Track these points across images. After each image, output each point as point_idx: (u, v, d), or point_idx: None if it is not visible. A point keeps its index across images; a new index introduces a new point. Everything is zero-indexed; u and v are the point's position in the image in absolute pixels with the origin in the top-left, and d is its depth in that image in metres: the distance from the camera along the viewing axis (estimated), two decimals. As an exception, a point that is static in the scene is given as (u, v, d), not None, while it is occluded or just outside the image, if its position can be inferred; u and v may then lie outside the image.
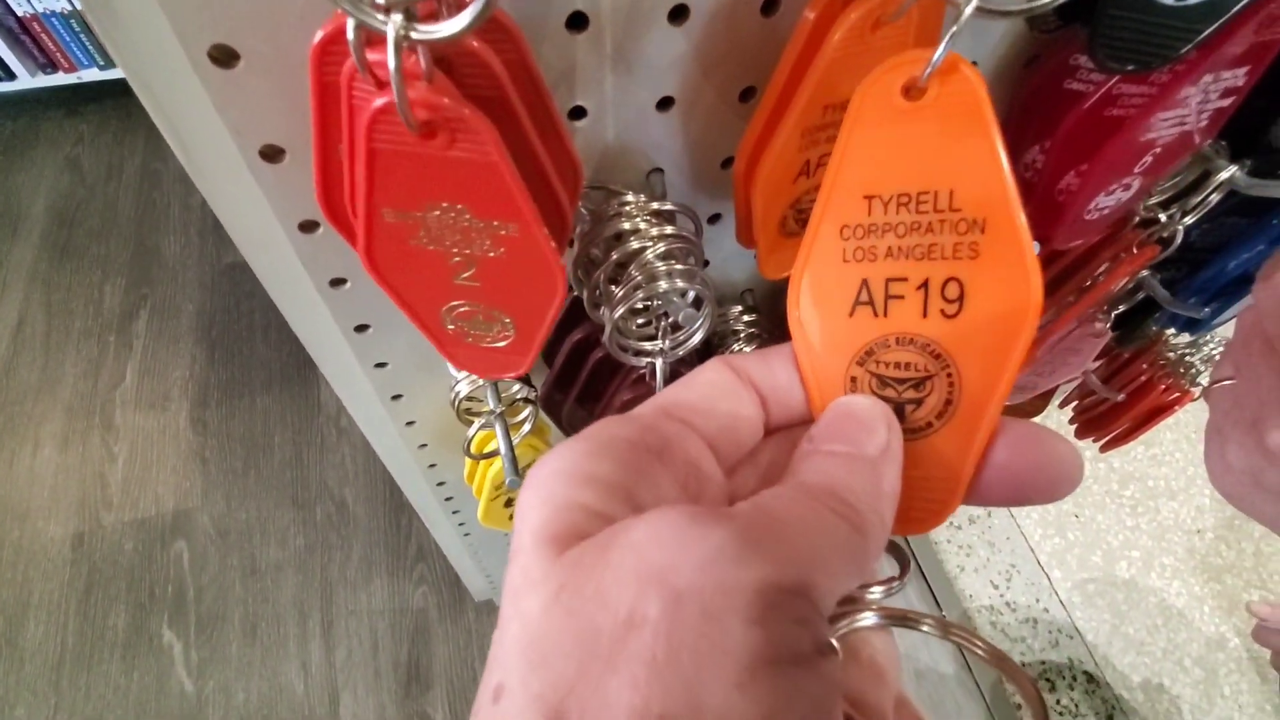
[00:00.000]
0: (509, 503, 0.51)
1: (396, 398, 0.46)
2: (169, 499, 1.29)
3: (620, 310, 0.30)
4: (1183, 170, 0.39)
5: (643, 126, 0.32)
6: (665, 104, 0.31)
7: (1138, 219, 0.42)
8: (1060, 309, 0.47)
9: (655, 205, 0.32)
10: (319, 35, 0.21)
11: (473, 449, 0.41)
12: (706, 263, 0.42)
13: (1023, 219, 0.17)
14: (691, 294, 0.32)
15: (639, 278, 0.30)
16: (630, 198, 0.32)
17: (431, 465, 0.55)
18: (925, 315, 0.17)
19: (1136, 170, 0.34)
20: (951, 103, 0.17)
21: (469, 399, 0.43)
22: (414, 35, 0.16)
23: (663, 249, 0.31)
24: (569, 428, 0.41)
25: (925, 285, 0.17)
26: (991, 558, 1.33)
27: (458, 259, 0.24)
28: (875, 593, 0.18)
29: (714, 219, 0.39)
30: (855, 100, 0.18)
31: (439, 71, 0.19)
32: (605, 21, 0.27)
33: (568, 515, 0.14)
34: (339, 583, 1.19)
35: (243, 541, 1.24)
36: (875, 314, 0.18)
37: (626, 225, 0.31)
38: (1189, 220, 0.40)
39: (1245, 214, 0.48)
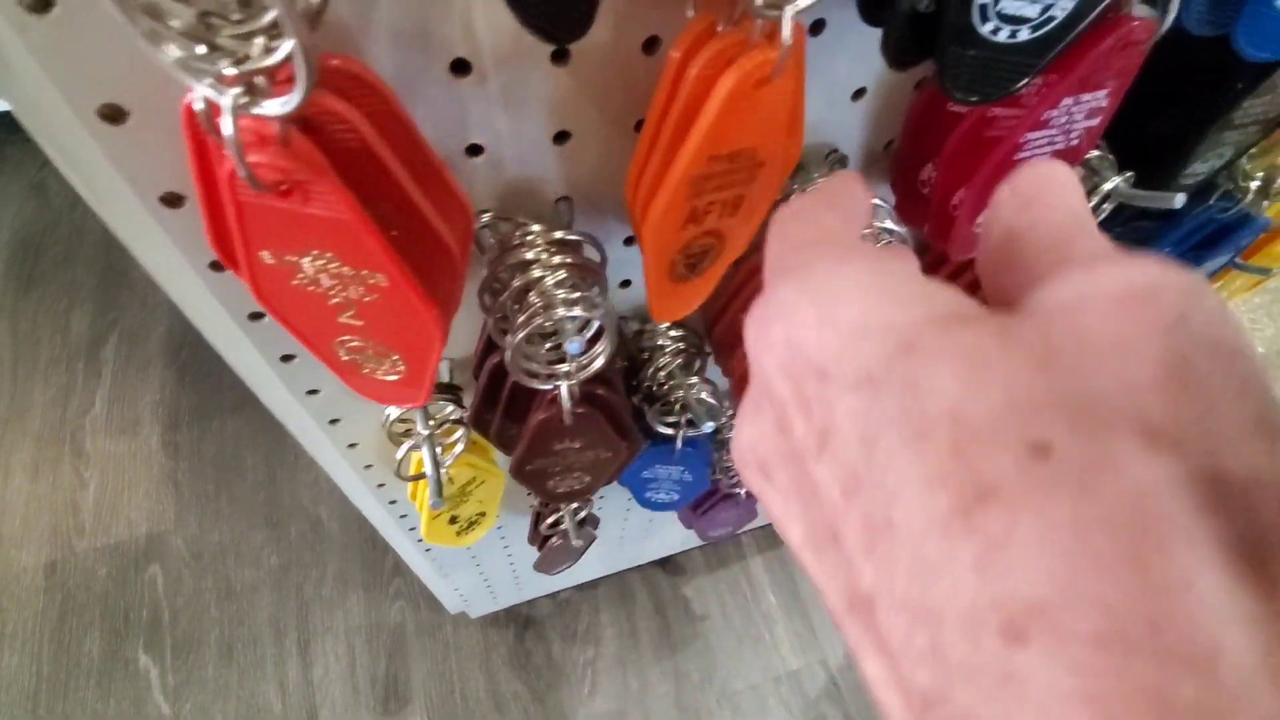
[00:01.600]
0: (453, 520, 0.52)
1: (334, 422, 0.47)
2: (142, 523, 1.29)
3: (520, 336, 0.31)
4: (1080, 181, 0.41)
5: (542, 159, 0.33)
6: (562, 137, 0.33)
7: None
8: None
9: (559, 234, 0.33)
10: (189, 95, 0.22)
11: (403, 471, 0.42)
12: (627, 282, 0.43)
13: (787, 153, 0.30)
14: (595, 323, 0.33)
15: (539, 304, 0.32)
16: (535, 228, 0.34)
17: (380, 485, 0.56)
18: (717, 219, 0.31)
19: (1019, 185, 0.35)
20: (775, 88, 0.25)
21: (401, 420, 0.44)
22: (251, 110, 0.18)
23: (563, 276, 0.32)
24: (501, 444, 0.43)
25: (720, 203, 0.30)
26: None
27: (337, 300, 0.25)
28: None
29: (630, 240, 0.40)
30: (719, 93, 0.25)
31: (296, 131, 0.20)
32: (488, 66, 0.28)
33: (955, 299, 0.12)
34: (314, 601, 1.20)
35: (217, 563, 1.24)
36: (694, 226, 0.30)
37: (529, 255, 0.33)
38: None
39: (1154, 218, 0.50)
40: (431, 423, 0.42)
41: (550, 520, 0.58)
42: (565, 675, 1.18)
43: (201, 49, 0.17)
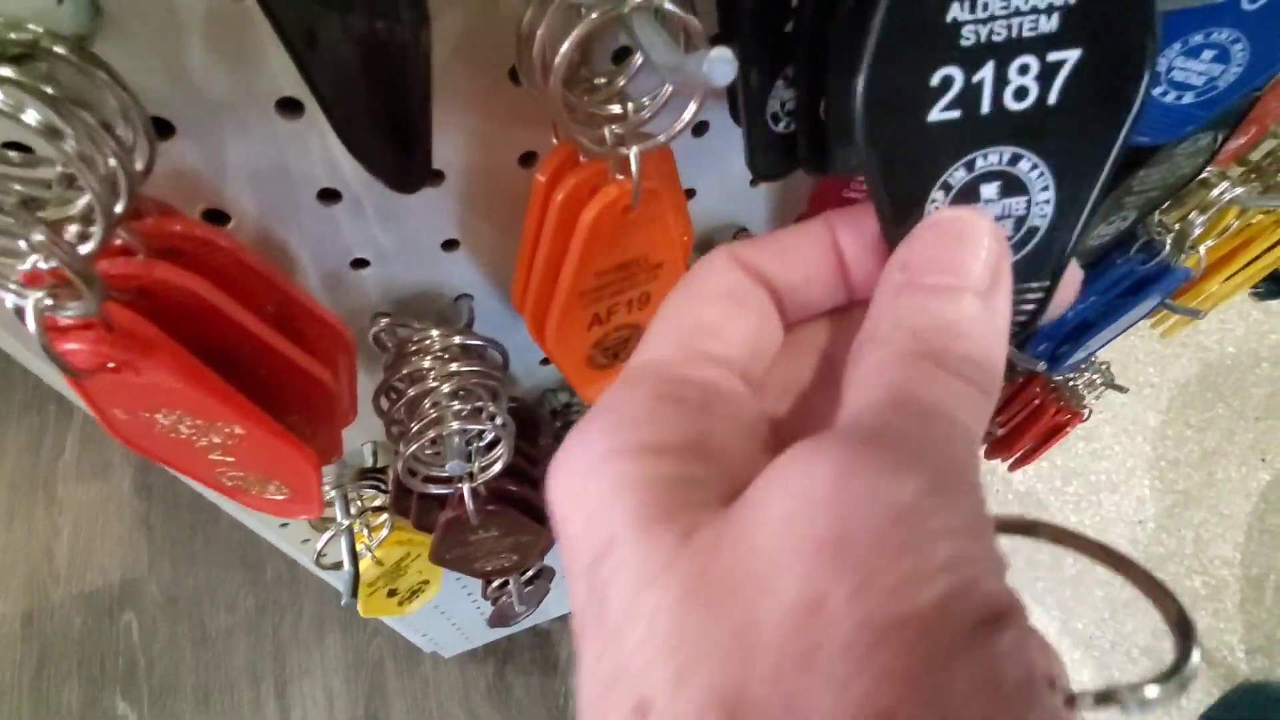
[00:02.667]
0: (392, 592, 0.52)
1: (264, 506, 0.47)
2: (115, 569, 1.28)
3: (410, 449, 0.31)
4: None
5: (434, 265, 0.33)
6: (451, 244, 0.32)
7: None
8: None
9: (457, 339, 0.33)
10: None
11: (322, 561, 0.42)
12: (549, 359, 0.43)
13: (679, 253, 0.29)
14: (489, 434, 0.33)
15: (432, 414, 0.31)
16: (434, 333, 0.33)
17: (322, 554, 0.56)
18: (629, 314, 0.31)
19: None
20: (648, 209, 0.25)
21: (324, 505, 0.43)
22: (52, 312, 0.17)
23: (457, 384, 0.32)
24: (423, 529, 0.42)
25: (629, 302, 0.30)
26: (941, 564, 1.36)
27: (202, 444, 0.25)
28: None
29: (544, 324, 0.40)
30: (584, 225, 0.25)
31: (120, 307, 0.20)
32: (358, 192, 0.28)
33: (663, 492, 0.11)
34: (291, 643, 1.19)
35: (192, 608, 1.23)
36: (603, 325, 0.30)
37: (426, 362, 0.33)
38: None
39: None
40: (353, 510, 0.42)
41: (497, 582, 0.57)
42: (547, 708, 1.17)
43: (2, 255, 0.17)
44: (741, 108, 0.25)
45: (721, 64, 0.16)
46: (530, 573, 0.59)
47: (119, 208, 0.18)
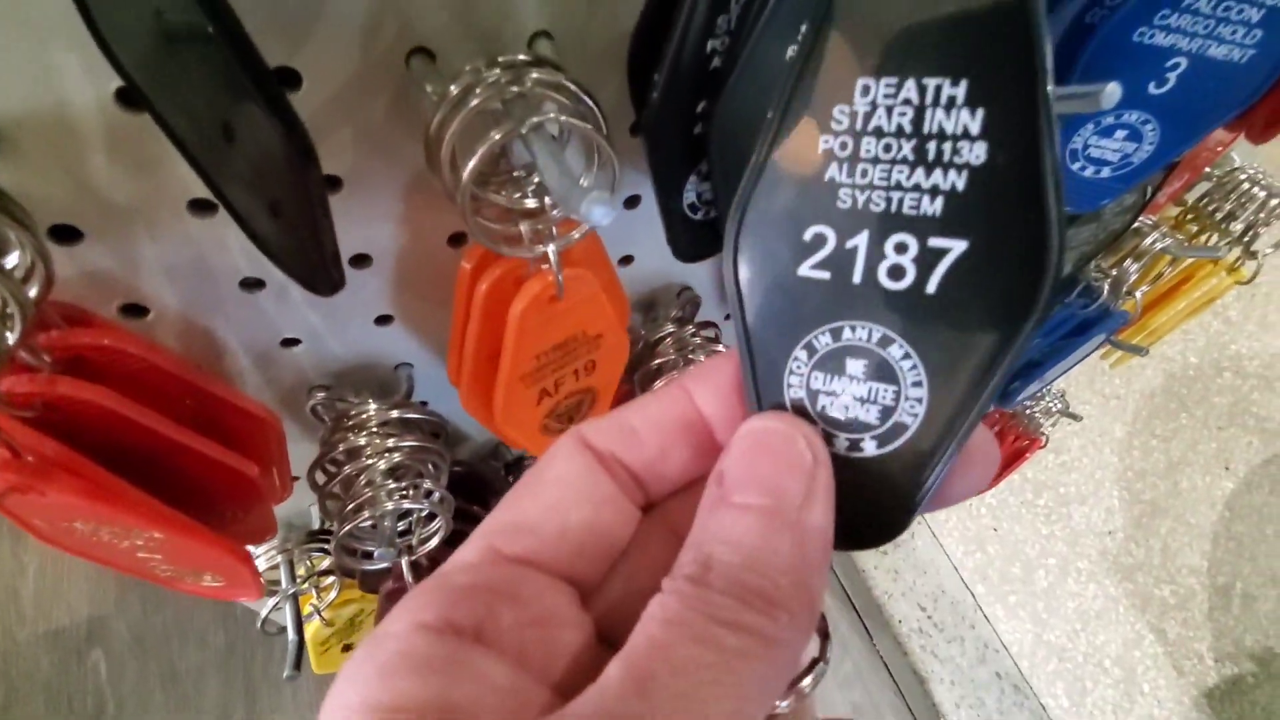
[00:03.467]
0: (347, 648, 0.51)
1: (213, 567, 0.46)
2: (83, 607, 1.26)
3: (345, 529, 0.31)
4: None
5: (370, 340, 0.33)
6: (385, 320, 0.32)
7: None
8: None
9: (394, 413, 0.33)
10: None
11: (268, 626, 0.42)
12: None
13: (616, 320, 0.29)
14: (424, 510, 0.33)
15: (367, 494, 0.31)
16: (372, 407, 0.33)
17: (267, 621, 0.55)
18: (578, 380, 0.31)
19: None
20: (576, 293, 0.26)
21: (272, 569, 0.43)
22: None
23: (397, 460, 0.32)
24: (370, 591, 0.42)
25: (577, 371, 0.30)
26: (918, 580, 1.36)
27: (127, 545, 0.25)
28: (804, 685, 0.15)
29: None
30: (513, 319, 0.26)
31: (23, 428, 0.20)
32: (282, 278, 0.28)
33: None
34: (262, 682, 1.17)
35: (161, 646, 1.21)
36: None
37: (362, 439, 0.32)
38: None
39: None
40: (301, 573, 0.41)
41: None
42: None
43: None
44: (657, 200, 0.25)
45: (600, 206, 0.16)
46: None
47: (11, 339, 0.18)
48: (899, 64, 0.13)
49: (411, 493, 0.32)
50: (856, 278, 0.14)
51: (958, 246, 0.13)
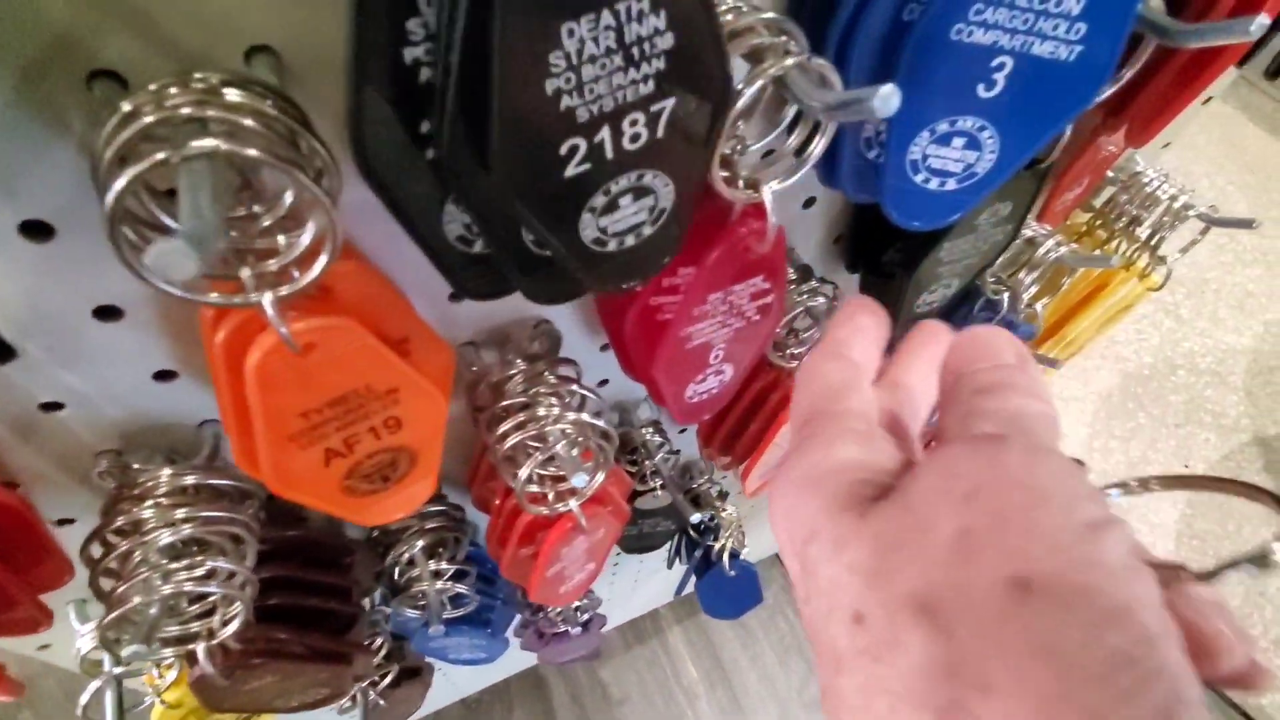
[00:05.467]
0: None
1: (44, 647, 0.42)
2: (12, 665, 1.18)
3: (114, 614, 0.27)
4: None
5: (154, 398, 0.29)
6: (168, 375, 0.29)
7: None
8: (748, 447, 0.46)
9: (191, 479, 0.29)
10: None
11: (89, 713, 0.37)
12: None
13: (413, 374, 0.26)
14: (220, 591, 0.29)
15: (142, 575, 0.27)
16: (164, 473, 0.29)
17: (87, 709, 0.50)
18: (380, 439, 0.28)
19: (713, 363, 0.33)
20: (335, 346, 0.23)
21: (94, 649, 0.38)
22: None
23: (187, 533, 0.28)
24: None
25: (374, 429, 0.27)
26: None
27: None
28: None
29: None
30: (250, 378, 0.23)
31: None
32: (30, 342, 0.24)
33: (844, 492, 0.16)
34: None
35: (85, 708, 1.14)
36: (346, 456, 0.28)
37: (147, 513, 0.28)
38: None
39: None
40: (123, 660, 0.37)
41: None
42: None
43: None
44: (416, 243, 0.22)
45: (179, 261, 0.13)
46: (390, 680, 0.54)
47: None
48: (591, 1, 0.16)
49: (199, 573, 0.28)
50: (610, 154, 0.19)
51: (669, 103, 0.19)
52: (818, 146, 0.23)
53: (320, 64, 0.21)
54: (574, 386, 0.34)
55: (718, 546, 0.60)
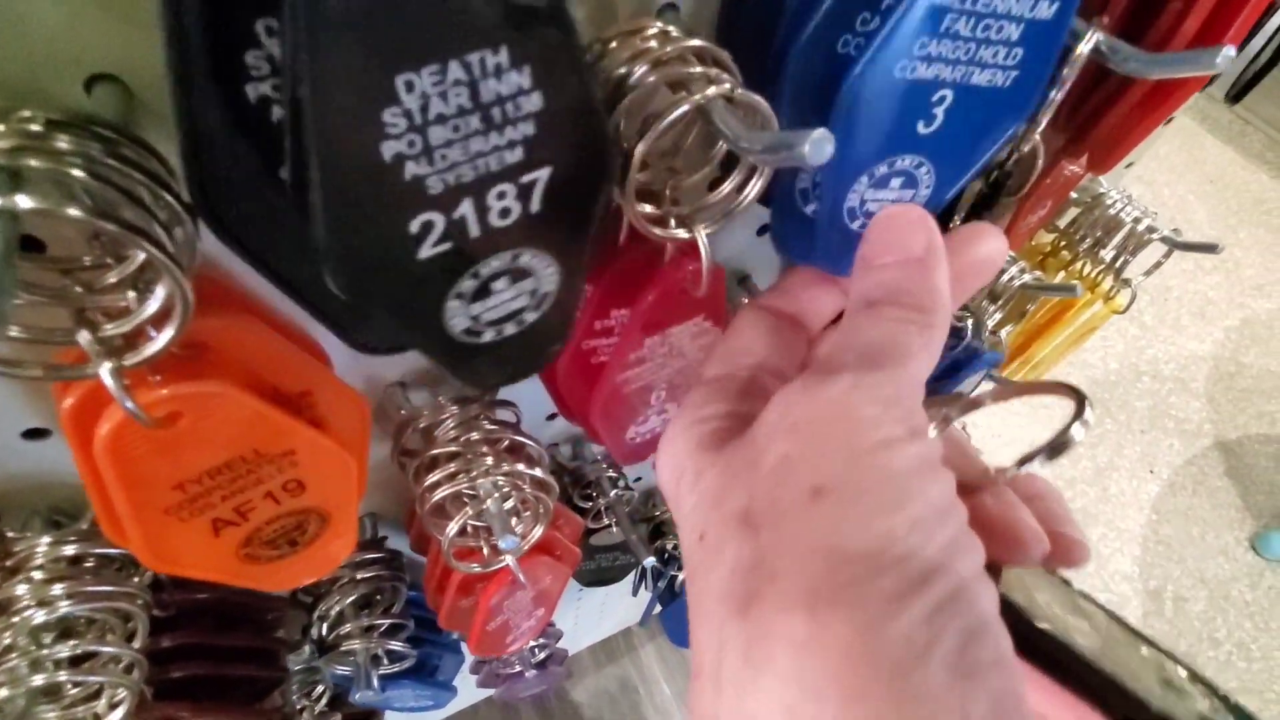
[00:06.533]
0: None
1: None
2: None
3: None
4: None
5: (22, 455, 0.26)
6: (39, 434, 0.26)
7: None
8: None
9: (70, 549, 0.26)
10: None
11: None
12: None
13: (310, 433, 0.24)
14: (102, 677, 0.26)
15: (14, 661, 0.24)
16: (44, 542, 0.26)
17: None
18: (280, 503, 0.25)
19: (655, 404, 0.31)
20: (206, 413, 0.20)
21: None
22: None
23: (64, 612, 0.25)
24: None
25: (270, 494, 0.25)
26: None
27: None
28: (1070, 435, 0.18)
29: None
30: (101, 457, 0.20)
31: None
32: None
33: (707, 436, 0.18)
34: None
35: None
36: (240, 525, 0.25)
37: (20, 589, 0.25)
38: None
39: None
40: None
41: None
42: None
43: None
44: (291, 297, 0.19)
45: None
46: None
47: None
48: (432, 49, 0.13)
49: (79, 653, 0.25)
50: (476, 231, 0.17)
51: (542, 173, 0.17)
52: (753, 190, 0.20)
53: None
54: (511, 432, 0.32)
55: (681, 577, 0.58)
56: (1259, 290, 1.72)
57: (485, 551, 0.32)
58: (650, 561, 0.41)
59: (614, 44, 0.20)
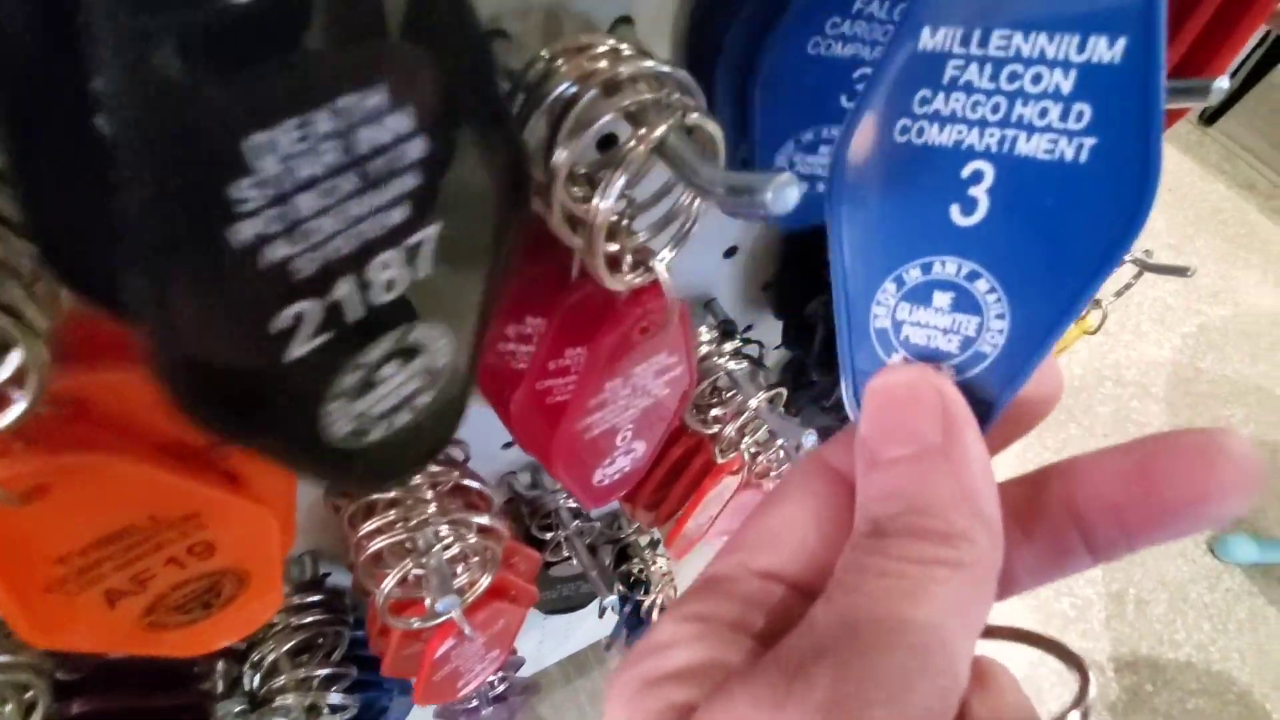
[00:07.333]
0: None
1: None
2: None
3: None
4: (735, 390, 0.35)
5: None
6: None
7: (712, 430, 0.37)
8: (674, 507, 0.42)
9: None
10: None
11: None
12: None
13: (215, 492, 0.21)
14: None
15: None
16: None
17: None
18: (186, 568, 0.22)
19: (621, 445, 0.29)
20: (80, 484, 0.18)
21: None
22: None
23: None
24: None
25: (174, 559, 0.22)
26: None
27: None
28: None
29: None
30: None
31: None
32: None
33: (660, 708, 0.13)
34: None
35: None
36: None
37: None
38: (747, 441, 0.36)
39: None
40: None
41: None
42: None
43: None
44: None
45: None
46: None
47: None
48: (299, 98, 0.10)
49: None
50: (358, 314, 0.14)
51: (432, 230, 0.14)
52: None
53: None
54: (457, 473, 0.29)
55: (647, 603, 0.56)
56: (1215, 297, 1.77)
57: (428, 602, 0.29)
58: (610, 599, 0.39)
59: (559, 62, 0.18)
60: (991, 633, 0.16)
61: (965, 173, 0.14)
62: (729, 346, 0.34)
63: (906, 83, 0.14)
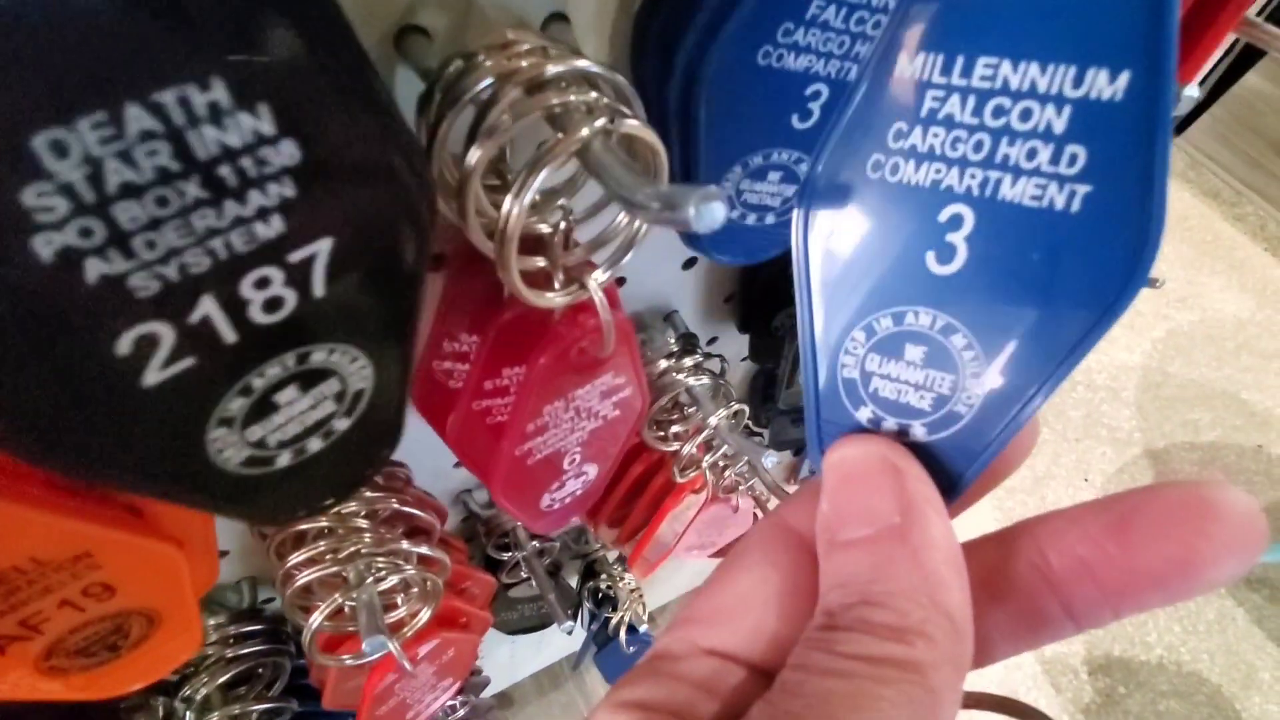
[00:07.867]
0: None
1: None
2: None
3: None
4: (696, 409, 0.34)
5: None
6: None
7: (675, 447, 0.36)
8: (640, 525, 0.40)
9: None
10: None
11: None
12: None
13: (105, 531, 0.19)
14: None
15: None
16: None
17: None
18: (84, 610, 0.20)
19: (570, 468, 0.27)
20: None
21: None
22: None
23: None
24: None
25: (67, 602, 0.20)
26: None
27: None
28: None
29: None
30: None
31: None
32: None
33: None
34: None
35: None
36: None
37: None
38: (711, 457, 0.35)
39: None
40: None
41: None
42: None
43: None
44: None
45: None
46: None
47: None
48: (91, 88, 0.08)
49: None
50: (231, 337, 0.13)
51: (322, 245, 0.13)
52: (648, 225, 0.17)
53: None
54: (395, 499, 0.27)
55: (615, 620, 0.54)
56: (1182, 303, 1.80)
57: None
58: (569, 626, 0.38)
59: (480, 58, 0.16)
60: (970, 702, 0.15)
61: (943, 217, 0.13)
62: (689, 361, 0.32)
63: (881, 112, 0.13)
